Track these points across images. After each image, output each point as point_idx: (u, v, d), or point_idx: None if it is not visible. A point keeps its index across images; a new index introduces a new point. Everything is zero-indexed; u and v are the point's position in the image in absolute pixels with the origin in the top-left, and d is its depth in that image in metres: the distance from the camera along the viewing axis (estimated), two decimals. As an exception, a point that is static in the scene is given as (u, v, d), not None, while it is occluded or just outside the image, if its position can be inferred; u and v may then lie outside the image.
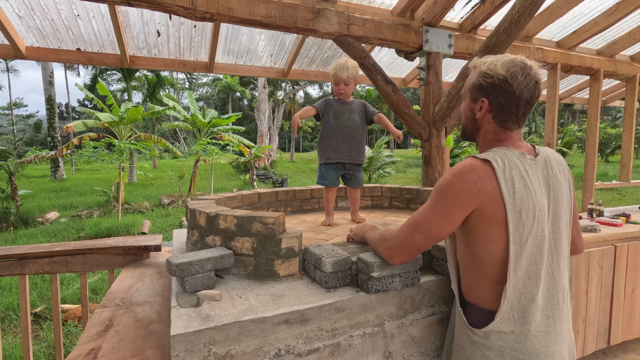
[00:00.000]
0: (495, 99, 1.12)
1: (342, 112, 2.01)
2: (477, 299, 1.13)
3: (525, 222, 1.03)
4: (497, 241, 1.04)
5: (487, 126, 1.17)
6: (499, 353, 1.05)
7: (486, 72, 1.12)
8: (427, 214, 1.08)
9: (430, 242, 1.10)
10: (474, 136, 1.24)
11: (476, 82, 1.15)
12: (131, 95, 18.92)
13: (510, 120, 1.13)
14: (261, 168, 18.16)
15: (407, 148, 46.43)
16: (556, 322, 1.06)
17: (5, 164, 9.87)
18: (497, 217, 1.03)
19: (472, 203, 1.03)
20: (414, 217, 1.12)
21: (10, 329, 3.88)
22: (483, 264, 1.08)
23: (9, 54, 2.71)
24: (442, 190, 1.06)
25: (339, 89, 2.00)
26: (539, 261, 1.05)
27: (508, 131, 1.14)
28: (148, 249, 2.09)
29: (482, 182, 1.03)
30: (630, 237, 2.42)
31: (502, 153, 1.08)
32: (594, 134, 4.11)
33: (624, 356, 2.45)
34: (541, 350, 1.04)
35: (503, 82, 1.09)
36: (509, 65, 1.09)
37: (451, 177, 1.06)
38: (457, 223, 1.07)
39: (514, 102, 1.10)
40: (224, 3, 2.18)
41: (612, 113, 37.47)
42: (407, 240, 1.11)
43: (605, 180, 10.03)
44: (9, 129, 33.52)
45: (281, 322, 1.06)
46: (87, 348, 1.20)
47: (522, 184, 1.04)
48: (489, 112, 1.15)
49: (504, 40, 2.29)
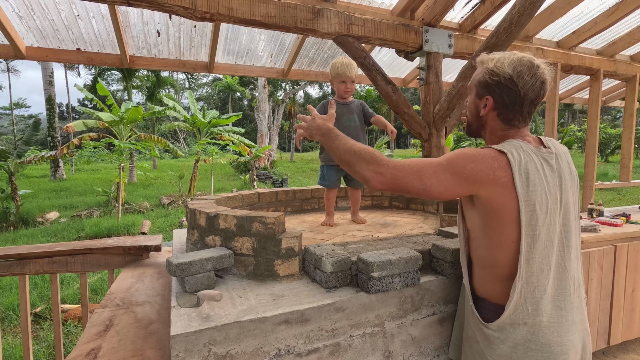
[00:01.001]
0: (499, 98, 1.12)
1: (343, 113, 2.01)
2: (489, 294, 1.14)
3: (538, 216, 1.03)
4: (510, 233, 1.05)
5: (492, 123, 1.17)
6: (513, 345, 1.06)
7: (493, 69, 1.11)
8: (438, 172, 1.06)
9: (423, 195, 1.08)
10: (479, 132, 1.23)
11: (482, 78, 1.15)
12: (131, 95, 18.92)
13: (515, 119, 1.13)
14: (261, 168, 18.15)
15: (407, 148, 46.43)
16: (568, 313, 1.07)
17: (5, 164, 9.87)
18: (509, 209, 1.03)
19: (484, 186, 1.03)
20: (422, 165, 1.08)
21: (10, 329, 3.88)
22: (496, 259, 1.09)
23: (9, 54, 2.71)
24: (463, 160, 1.05)
25: (347, 88, 2.00)
26: (550, 253, 1.05)
27: (515, 128, 1.14)
28: (148, 249, 2.09)
29: (500, 172, 1.03)
30: (630, 237, 2.42)
31: (518, 145, 1.08)
32: (594, 134, 4.10)
33: (624, 356, 2.45)
34: (554, 340, 1.04)
35: (509, 81, 1.08)
36: (516, 64, 1.08)
37: (475, 153, 1.06)
38: (457, 195, 1.07)
39: (519, 101, 1.10)
40: (224, 3, 2.18)
41: (612, 113, 37.46)
42: (405, 179, 1.07)
43: (605, 180, 10.03)
44: (10, 129, 33.52)
45: (281, 322, 1.06)
46: (87, 348, 1.20)
47: (536, 178, 1.04)
48: (494, 110, 1.15)
49: (504, 40, 2.29)
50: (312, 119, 1.34)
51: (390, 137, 2.00)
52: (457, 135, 19.16)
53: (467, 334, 1.21)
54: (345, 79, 1.98)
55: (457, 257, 1.32)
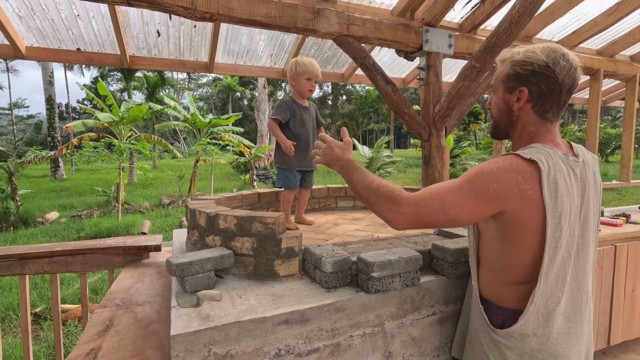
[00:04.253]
0: (536, 87, 1.05)
1: (306, 119, 1.99)
2: (494, 296, 1.12)
3: (563, 227, 0.99)
4: (530, 244, 1.01)
5: (525, 117, 1.09)
6: (519, 353, 1.04)
7: (523, 60, 1.06)
8: (461, 198, 1.00)
9: (451, 225, 1.03)
10: (507, 131, 1.16)
11: (511, 71, 1.08)
12: (131, 95, 18.94)
13: (551, 110, 1.07)
14: (261, 168, 18.14)
15: (407, 148, 46.41)
16: (577, 325, 1.06)
17: (5, 164, 9.87)
18: (534, 220, 0.99)
19: (509, 203, 0.99)
20: (443, 194, 1.02)
21: (10, 329, 3.88)
22: (510, 264, 1.06)
23: (9, 54, 2.71)
24: (485, 182, 0.99)
25: (311, 86, 1.98)
26: (567, 265, 1.02)
27: (548, 123, 1.08)
28: (148, 249, 2.09)
29: (525, 185, 0.97)
30: (630, 237, 2.42)
31: (547, 153, 1.02)
32: (594, 134, 4.10)
33: (624, 356, 2.45)
34: (561, 352, 1.03)
35: (545, 68, 1.03)
36: (548, 51, 1.04)
37: (497, 171, 0.99)
38: (485, 217, 1.03)
39: (557, 88, 1.03)
40: (224, 3, 2.18)
41: (612, 113, 37.46)
42: (429, 215, 1.01)
43: (605, 180, 10.03)
44: (10, 129, 33.53)
45: (281, 322, 1.06)
46: (87, 348, 1.20)
47: (564, 188, 0.99)
48: (528, 102, 1.07)
49: (504, 40, 2.29)
50: (329, 147, 1.27)
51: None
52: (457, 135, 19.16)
53: (470, 335, 1.20)
54: (312, 76, 1.95)
55: (457, 258, 1.32)
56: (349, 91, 41.96)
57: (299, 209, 2.12)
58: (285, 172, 2.00)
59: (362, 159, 14.55)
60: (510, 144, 1.38)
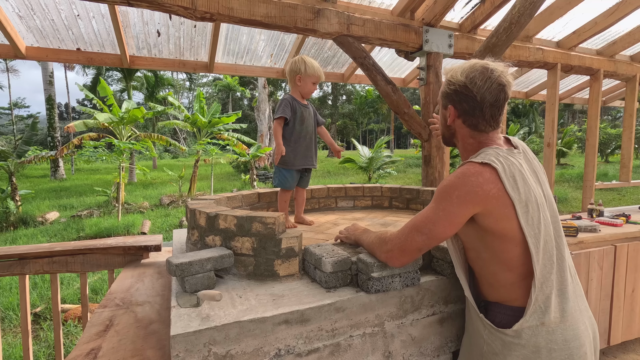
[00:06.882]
0: (459, 105, 1.16)
1: (306, 117, 2.00)
2: (502, 297, 1.13)
3: (532, 214, 1.05)
4: (513, 237, 1.06)
5: (461, 131, 1.21)
6: (535, 349, 1.05)
7: (449, 80, 1.16)
8: (430, 215, 1.09)
9: (432, 243, 1.10)
10: (452, 141, 1.28)
11: (443, 89, 1.21)
12: (131, 95, 18.94)
13: (480, 124, 1.15)
14: (261, 168, 18.14)
15: (407, 148, 46.45)
16: (569, 299, 1.08)
17: (5, 164, 9.87)
18: (508, 215, 1.05)
19: (476, 205, 1.04)
20: (416, 219, 1.12)
21: (10, 329, 3.88)
22: (503, 262, 1.09)
23: (9, 54, 2.71)
24: (447, 192, 1.07)
25: (313, 89, 2.02)
26: (550, 247, 1.07)
27: (484, 133, 1.17)
28: (148, 249, 2.09)
29: (488, 185, 1.04)
30: (630, 237, 2.42)
31: (495, 154, 1.10)
32: (594, 134, 4.10)
33: (624, 356, 2.45)
34: (570, 334, 1.05)
35: (463, 88, 1.13)
36: (468, 71, 1.12)
37: (455, 180, 1.07)
38: (459, 225, 1.08)
39: (478, 106, 1.13)
40: (224, 3, 2.19)
41: (612, 113, 37.47)
42: (409, 241, 1.11)
43: (605, 180, 10.02)
44: (10, 129, 33.55)
45: (281, 322, 1.06)
46: (87, 348, 1.20)
47: (521, 179, 1.07)
48: (458, 118, 1.19)
49: (504, 40, 2.29)
50: (353, 226, 1.49)
51: (337, 156, 2.03)
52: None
53: (484, 349, 1.14)
54: (317, 80, 1.98)
55: (457, 257, 1.32)
56: (349, 91, 41.94)
57: (298, 209, 2.12)
58: (284, 172, 2.00)
59: (362, 159, 14.54)
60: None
